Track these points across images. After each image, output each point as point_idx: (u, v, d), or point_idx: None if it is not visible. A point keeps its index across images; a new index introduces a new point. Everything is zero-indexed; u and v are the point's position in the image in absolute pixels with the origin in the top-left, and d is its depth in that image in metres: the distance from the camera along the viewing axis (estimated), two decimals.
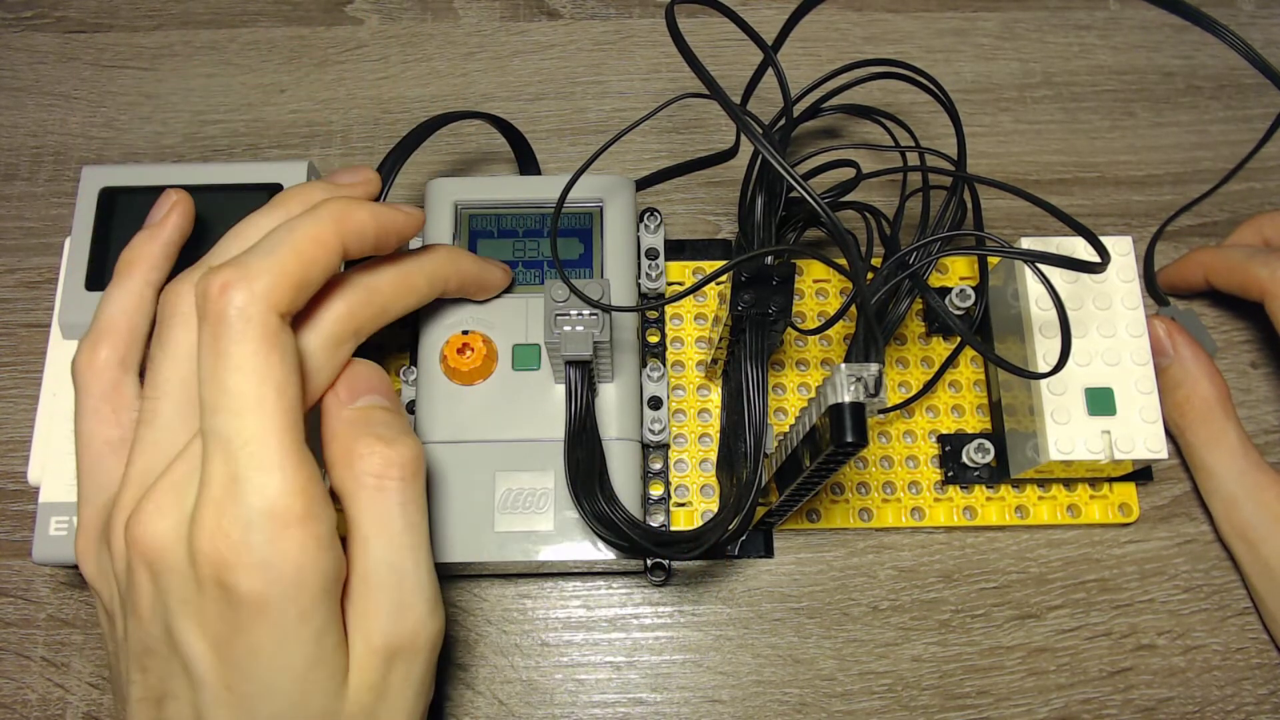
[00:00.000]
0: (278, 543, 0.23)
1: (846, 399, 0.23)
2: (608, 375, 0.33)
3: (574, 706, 0.34)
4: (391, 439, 0.26)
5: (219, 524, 0.23)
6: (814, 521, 0.36)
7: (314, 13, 0.45)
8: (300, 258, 0.25)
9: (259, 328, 0.24)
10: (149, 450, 0.26)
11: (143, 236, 0.30)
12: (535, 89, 0.43)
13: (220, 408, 0.24)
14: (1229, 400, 0.35)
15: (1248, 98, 0.43)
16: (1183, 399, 0.35)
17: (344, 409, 0.27)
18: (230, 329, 0.24)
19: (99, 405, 0.27)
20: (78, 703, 0.34)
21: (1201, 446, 0.35)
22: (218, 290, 0.24)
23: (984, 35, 0.44)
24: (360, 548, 0.26)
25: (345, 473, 0.26)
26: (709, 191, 0.41)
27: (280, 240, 0.25)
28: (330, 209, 0.26)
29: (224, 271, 0.24)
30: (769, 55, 0.30)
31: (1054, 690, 0.34)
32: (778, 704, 0.34)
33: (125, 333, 0.28)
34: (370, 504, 0.26)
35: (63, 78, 0.43)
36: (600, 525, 0.30)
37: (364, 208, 0.27)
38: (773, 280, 0.28)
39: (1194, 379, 0.35)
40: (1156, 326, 0.35)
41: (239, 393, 0.24)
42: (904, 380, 0.37)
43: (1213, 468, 0.35)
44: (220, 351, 0.24)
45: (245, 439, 0.23)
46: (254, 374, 0.24)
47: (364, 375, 0.28)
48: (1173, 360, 0.35)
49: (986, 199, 0.39)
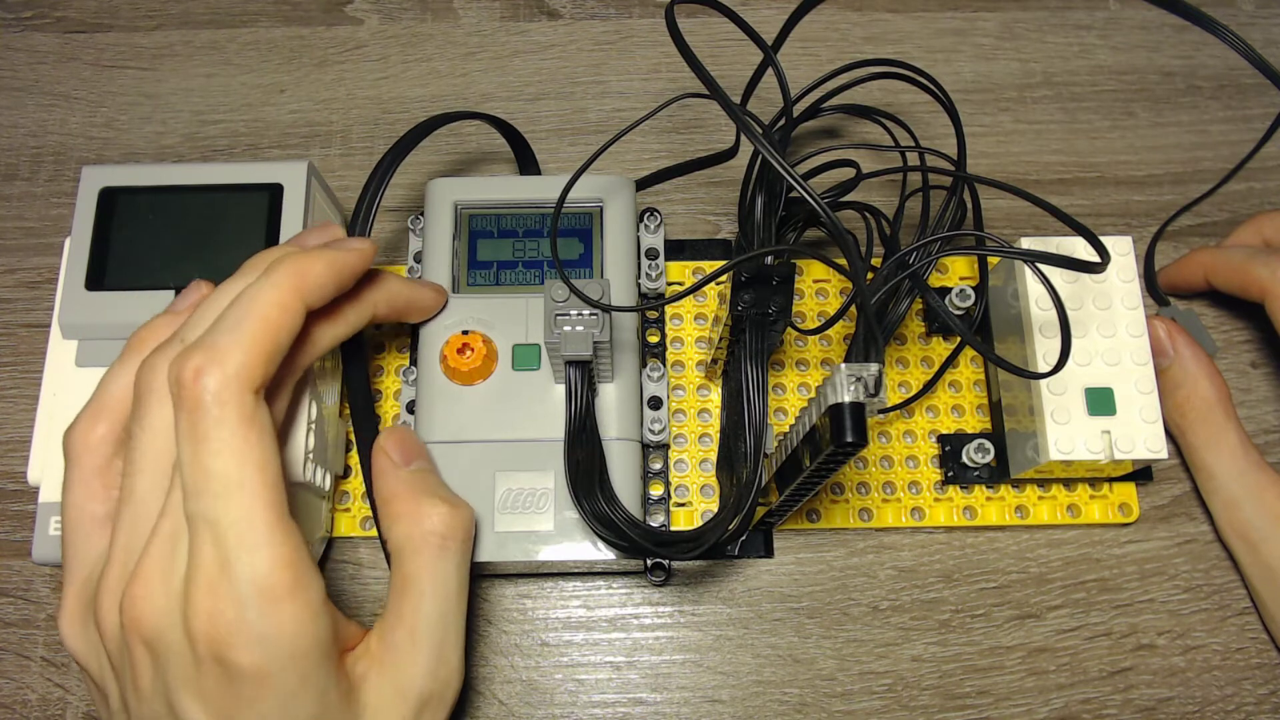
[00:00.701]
0: (272, 616, 0.24)
1: (846, 399, 0.23)
2: (608, 375, 0.33)
3: (574, 706, 0.34)
4: (454, 503, 0.29)
5: (214, 604, 0.24)
6: (814, 521, 0.36)
7: (314, 13, 0.45)
8: (267, 328, 0.25)
9: (235, 410, 0.24)
10: (128, 528, 0.26)
11: (162, 320, 0.29)
12: (535, 89, 0.43)
13: (204, 491, 0.24)
14: (1229, 401, 0.35)
15: (1248, 98, 0.43)
16: (1183, 400, 0.35)
17: (400, 470, 0.29)
18: (207, 414, 0.24)
19: (88, 479, 0.27)
20: (77, 703, 0.34)
21: (1202, 447, 0.35)
22: (191, 376, 0.24)
23: (984, 35, 0.44)
24: (414, 602, 0.27)
25: (410, 530, 0.28)
26: (709, 191, 0.41)
27: (245, 313, 0.25)
28: (286, 269, 0.26)
29: (195, 355, 0.24)
30: (769, 55, 0.30)
31: (1054, 690, 0.34)
32: (778, 704, 0.34)
33: (126, 411, 0.28)
34: (432, 562, 0.28)
35: (63, 78, 0.43)
36: (600, 525, 0.30)
37: (318, 259, 0.27)
38: (773, 280, 0.28)
39: (1194, 380, 0.35)
40: (1157, 327, 0.35)
41: (221, 476, 0.24)
42: (904, 380, 0.37)
43: (1213, 468, 0.34)
44: (199, 436, 0.24)
45: (231, 521, 0.24)
46: (234, 456, 0.24)
47: (411, 440, 0.31)
48: (1173, 361, 0.35)
49: (986, 199, 0.39)
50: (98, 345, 0.33)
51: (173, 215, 0.33)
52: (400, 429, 0.31)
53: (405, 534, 0.28)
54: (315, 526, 0.33)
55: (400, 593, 0.28)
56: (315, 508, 0.33)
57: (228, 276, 0.32)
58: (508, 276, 0.35)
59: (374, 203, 0.33)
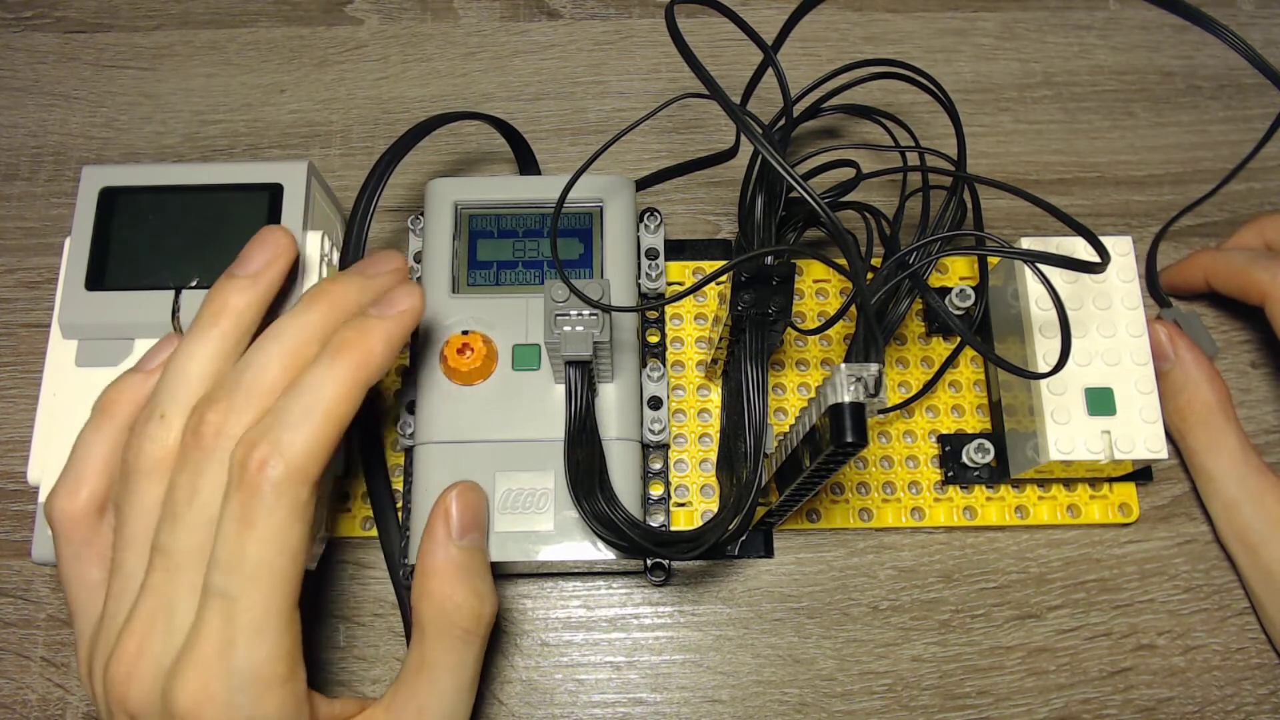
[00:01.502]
0: (260, 704, 0.25)
1: (846, 399, 0.23)
2: (608, 375, 0.33)
3: (574, 706, 0.34)
4: (484, 595, 0.29)
5: (204, 683, 0.24)
6: (814, 521, 0.36)
7: (314, 13, 0.45)
8: (330, 423, 0.26)
9: (289, 501, 0.25)
10: (117, 599, 0.26)
11: (131, 381, 0.29)
12: (535, 89, 0.43)
13: (234, 570, 0.25)
14: (1230, 404, 0.35)
15: (1248, 98, 0.43)
16: (1184, 404, 0.35)
17: (451, 545, 0.29)
18: (263, 502, 0.25)
19: (80, 551, 0.28)
20: (77, 703, 0.34)
21: (1202, 451, 0.35)
22: (256, 465, 0.25)
23: (984, 35, 0.44)
24: (429, 683, 0.28)
25: (437, 614, 0.28)
26: (709, 191, 0.41)
27: (313, 405, 0.26)
28: (352, 355, 0.27)
29: (262, 445, 0.25)
30: (769, 55, 0.30)
31: (1054, 690, 0.34)
32: (778, 704, 0.34)
33: (105, 476, 0.28)
34: (451, 650, 0.28)
35: (63, 78, 0.43)
36: (600, 525, 0.30)
37: (379, 339, 0.27)
38: (773, 280, 0.28)
39: (1195, 384, 0.35)
40: (1158, 331, 0.35)
41: (256, 560, 0.25)
42: (904, 380, 0.37)
43: (1213, 472, 0.34)
44: (248, 520, 0.25)
45: (250, 603, 0.25)
46: (275, 544, 0.25)
47: (475, 507, 0.30)
48: (1174, 364, 0.35)
49: (986, 199, 0.39)
50: (98, 345, 0.33)
51: (173, 215, 0.33)
52: (472, 490, 0.30)
53: (432, 617, 0.28)
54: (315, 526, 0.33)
55: (416, 670, 0.28)
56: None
57: None
58: (508, 276, 0.35)
59: (372, 202, 0.33)
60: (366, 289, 0.29)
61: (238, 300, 0.28)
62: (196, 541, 0.26)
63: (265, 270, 0.29)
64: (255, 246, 0.30)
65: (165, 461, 0.27)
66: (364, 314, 0.28)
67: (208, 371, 0.27)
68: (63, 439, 0.31)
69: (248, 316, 0.28)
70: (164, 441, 0.27)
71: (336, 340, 0.27)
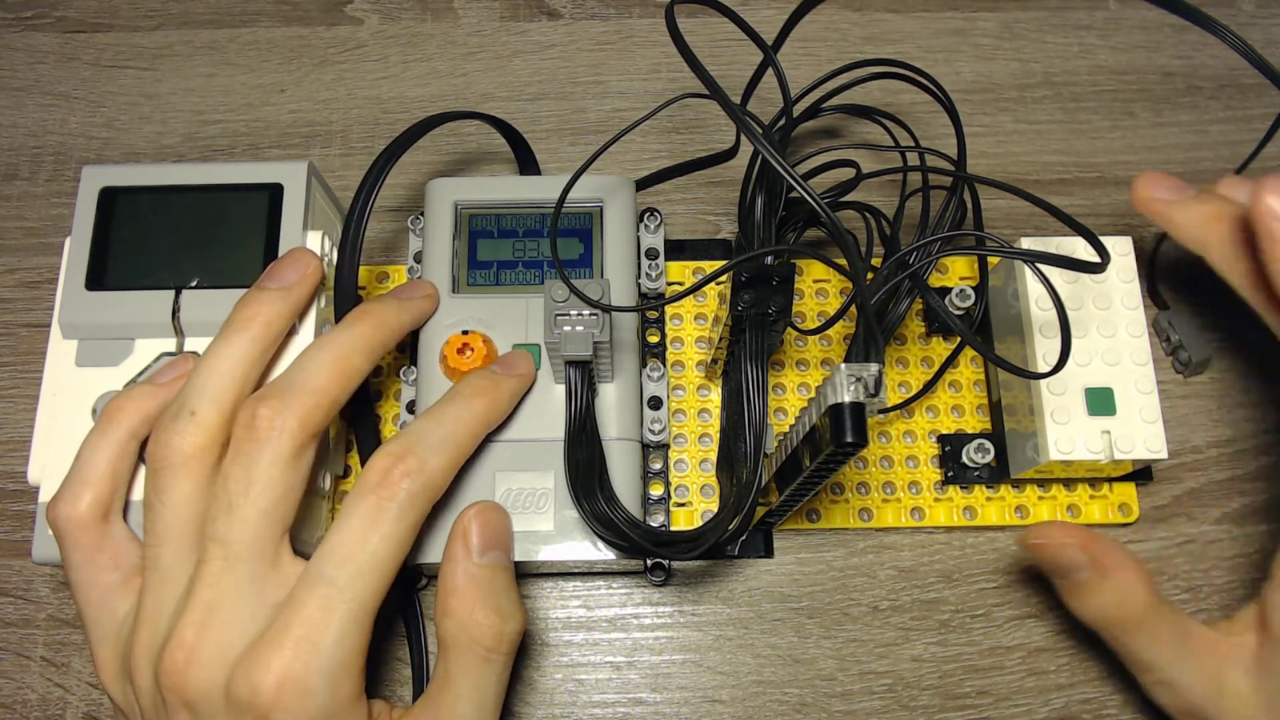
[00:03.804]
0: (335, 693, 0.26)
1: (846, 399, 0.23)
2: (608, 375, 0.33)
3: (574, 706, 0.34)
4: (508, 614, 0.28)
5: (289, 666, 0.25)
6: (814, 521, 0.36)
7: (314, 13, 0.45)
8: (460, 453, 0.30)
9: (416, 513, 0.28)
10: (155, 594, 0.27)
11: (140, 390, 0.30)
12: (535, 89, 0.43)
13: (349, 561, 0.26)
14: (1156, 588, 0.30)
15: (1248, 98, 0.43)
16: (1118, 615, 0.30)
17: (471, 563, 0.29)
18: (397, 507, 0.27)
19: (92, 556, 0.28)
20: (77, 703, 0.34)
21: (1143, 648, 0.30)
22: (400, 474, 0.27)
23: (984, 35, 0.44)
24: (451, 702, 0.28)
25: (459, 633, 0.28)
26: (709, 191, 0.41)
27: (448, 438, 0.29)
28: (483, 402, 0.31)
29: (408, 460, 0.27)
30: (769, 55, 0.30)
31: (1054, 690, 0.34)
32: (778, 704, 0.34)
33: (109, 481, 0.29)
34: (472, 670, 0.28)
35: (63, 78, 0.43)
36: (600, 525, 0.30)
37: (506, 392, 0.32)
38: (773, 280, 0.28)
39: (1127, 589, 0.30)
40: (1064, 546, 0.30)
41: (374, 556, 0.26)
42: (904, 380, 0.37)
43: (1152, 661, 0.30)
44: (377, 520, 0.27)
45: (356, 594, 0.26)
46: (393, 546, 0.27)
47: (496, 526, 0.30)
48: (1092, 573, 0.30)
49: (986, 199, 0.38)
50: (98, 345, 0.32)
51: (173, 215, 0.33)
52: (492, 508, 0.30)
53: (453, 635, 0.28)
54: (315, 526, 0.33)
55: (440, 686, 0.28)
56: (316, 508, 0.33)
57: (227, 276, 0.32)
58: (508, 276, 0.35)
59: (369, 201, 0.33)
60: (404, 309, 0.32)
61: (269, 310, 0.30)
62: (252, 532, 0.26)
63: (297, 285, 0.31)
64: (288, 263, 0.31)
65: (196, 457, 0.27)
66: (492, 371, 0.32)
67: (237, 374, 0.28)
68: (63, 439, 0.31)
69: (276, 326, 0.30)
70: (194, 437, 0.27)
71: (473, 386, 0.31)
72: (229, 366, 0.28)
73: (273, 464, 0.27)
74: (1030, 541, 0.31)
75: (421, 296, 0.34)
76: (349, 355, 0.29)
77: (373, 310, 0.31)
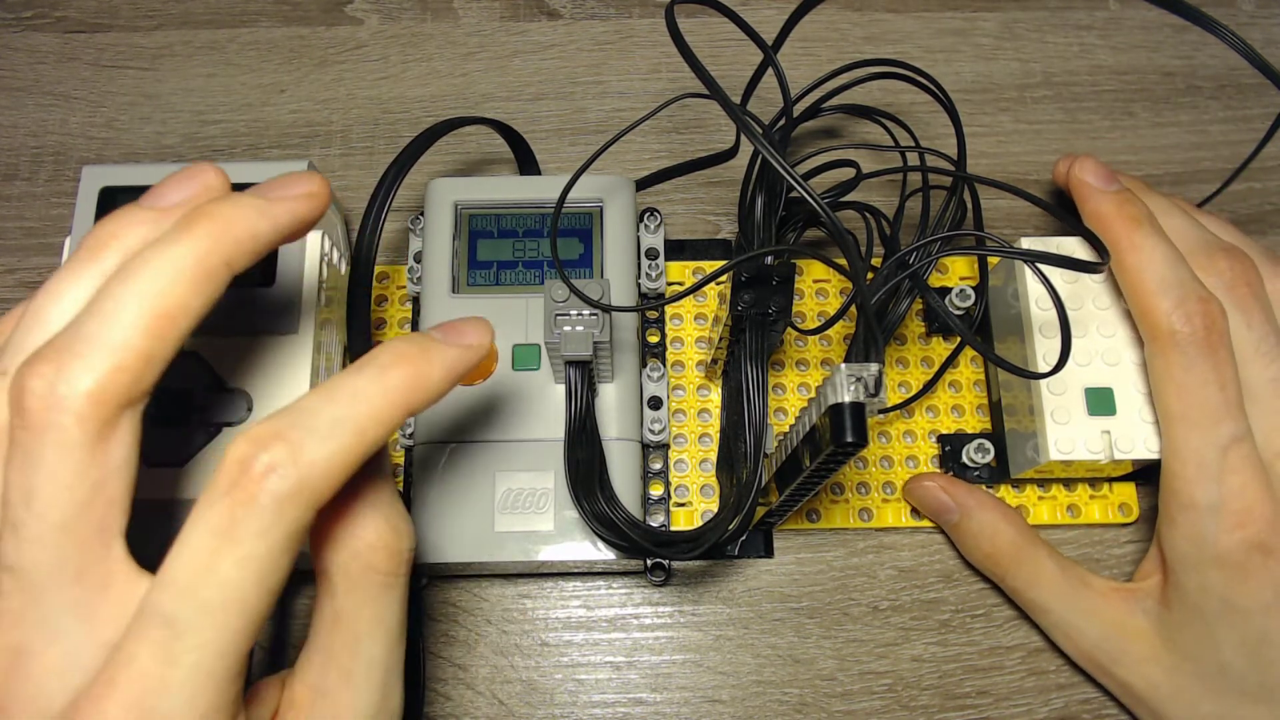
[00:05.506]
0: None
1: (846, 399, 0.23)
2: (608, 375, 0.33)
3: (574, 706, 0.34)
4: (398, 526, 0.23)
5: None
6: (814, 521, 0.36)
7: (314, 13, 0.45)
8: (361, 444, 0.21)
9: (288, 525, 0.20)
10: None
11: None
12: (535, 89, 0.43)
13: (191, 592, 0.20)
14: (1029, 528, 0.33)
15: (1248, 98, 0.43)
16: (990, 550, 0.33)
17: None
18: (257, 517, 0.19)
19: None
20: None
21: (1026, 589, 0.33)
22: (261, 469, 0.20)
23: (984, 35, 0.44)
24: (349, 642, 0.22)
25: (349, 560, 0.22)
26: (709, 191, 0.41)
27: (344, 420, 0.21)
28: (405, 374, 0.22)
29: (274, 449, 0.20)
30: (769, 55, 0.30)
31: (1054, 690, 0.34)
32: (778, 704, 0.34)
33: None
34: (371, 601, 0.22)
35: (63, 78, 0.43)
36: (600, 525, 0.30)
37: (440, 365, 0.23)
38: (773, 280, 0.28)
39: (993, 526, 0.33)
40: (930, 487, 0.34)
41: (226, 585, 0.20)
42: (904, 380, 0.37)
43: (1045, 603, 0.33)
44: (232, 535, 0.20)
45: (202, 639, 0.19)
46: (255, 571, 0.20)
47: None
48: (961, 514, 0.33)
49: (986, 199, 0.39)
50: None
51: None
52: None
53: (336, 563, 0.22)
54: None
55: (330, 629, 0.22)
56: None
57: None
58: (508, 276, 0.35)
59: (381, 216, 0.31)
60: (266, 214, 0.22)
61: (132, 235, 0.22)
62: (52, 554, 0.20)
63: (182, 208, 0.22)
64: (177, 178, 0.23)
65: None
66: (428, 335, 0.23)
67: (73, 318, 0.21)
68: None
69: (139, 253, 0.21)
70: None
71: (393, 352, 0.22)
72: (60, 312, 0.21)
73: (61, 459, 0.19)
74: (906, 486, 0.35)
75: (295, 195, 0.23)
76: (168, 290, 0.20)
77: (216, 213, 0.21)
